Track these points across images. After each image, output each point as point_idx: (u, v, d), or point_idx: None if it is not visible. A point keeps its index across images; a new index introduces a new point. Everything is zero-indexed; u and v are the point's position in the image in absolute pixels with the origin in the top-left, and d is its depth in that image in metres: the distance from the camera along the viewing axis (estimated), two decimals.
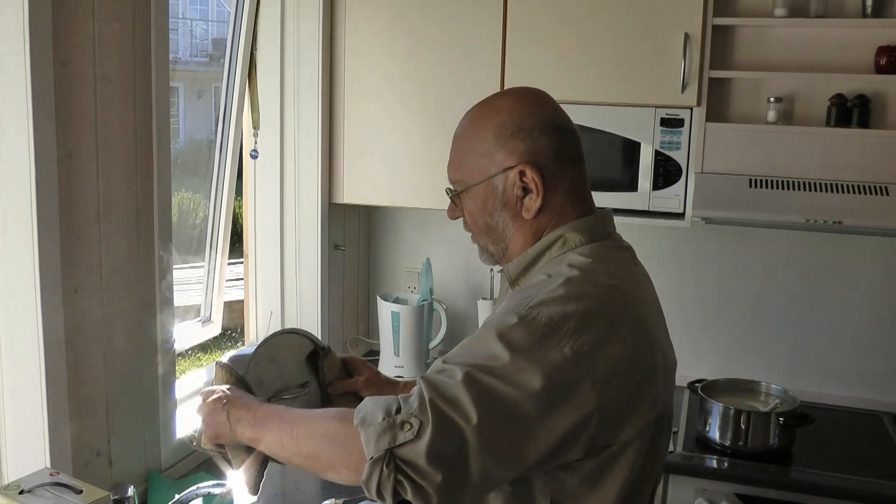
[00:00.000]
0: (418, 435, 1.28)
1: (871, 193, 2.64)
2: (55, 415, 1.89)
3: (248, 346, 1.84)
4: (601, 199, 2.77)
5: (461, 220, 1.65)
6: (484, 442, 1.29)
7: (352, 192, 3.17)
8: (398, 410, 1.31)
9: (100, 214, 2.02)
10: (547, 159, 1.52)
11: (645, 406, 1.47)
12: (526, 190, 1.52)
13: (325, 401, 1.85)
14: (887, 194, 2.63)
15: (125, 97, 2.08)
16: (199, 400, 1.63)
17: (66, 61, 1.89)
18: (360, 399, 1.86)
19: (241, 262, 3.32)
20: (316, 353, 1.85)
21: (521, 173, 1.51)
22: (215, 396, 1.58)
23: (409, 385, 1.96)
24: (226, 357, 1.72)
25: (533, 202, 1.53)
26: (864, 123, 2.78)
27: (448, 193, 1.64)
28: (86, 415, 2.02)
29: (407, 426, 1.29)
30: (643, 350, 1.46)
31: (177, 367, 2.46)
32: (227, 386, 1.62)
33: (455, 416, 1.28)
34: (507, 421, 1.30)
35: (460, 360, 1.35)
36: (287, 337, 1.82)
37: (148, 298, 2.22)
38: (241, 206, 3.27)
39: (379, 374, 1.94)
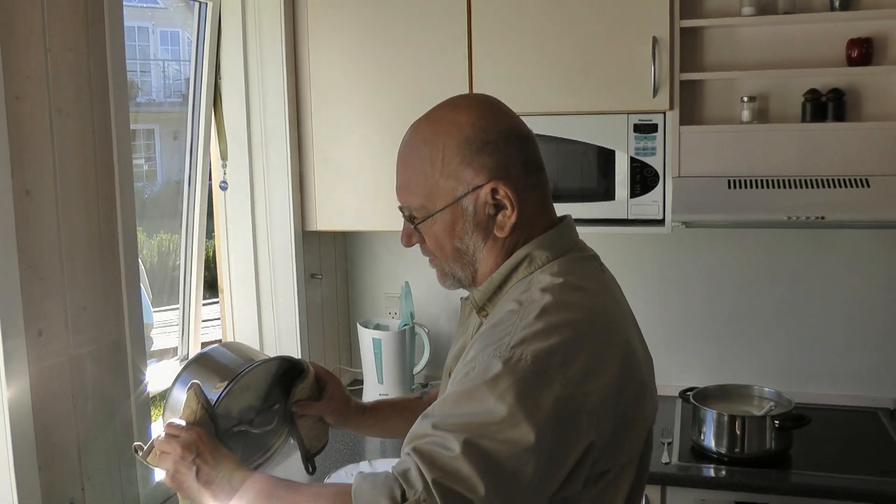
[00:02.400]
0: None
1: (852, 186, 2.61)
2: (22, 463, 1.80)
3: (227, 355, 1.74)
4: (578, 209, 2.74)
5: (427, 255, 1.58)
6: None
7: (325, 219, 3.11)
8: (403, 496, 1.22)
9: (62, 253, 1.95)
10: (517, 171, 1.45)
11: (638, 424, 1.44)
12: (498, 207, 1.45)
13: (288, 420, 1.78)
14: (868, 186, 2.60)
15: (83, 129, 2.02)
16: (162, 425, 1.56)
17: (19, 94, 1.83)
18: (323, 421, 1.81)
19: (217, 303, 3.26)
20: (292, 372, 1.78)
21: (494, 190, 1.43)
22: (186, 442, 1.49)
23: (376, 409, 1.91)
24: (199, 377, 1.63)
25: (507, 219, 1.45)
26: (839, 117, 2.75)
27: (407, 218, 1.53)
28: (56, 462, 1.93)
29: None
30: (630, 368, 1.41)
31: (155, 409, 2.39)
32: (198, 431, 1.53)
33: (463, 491, 1.21)
34: (513, 480, 1.24)
35: (453, 425, 1.26)
36: (267, 365, 1.74)
37: (117, 338, 2.14)
38: (212, 248, 3.22)
39: (349, 399, 1.86)
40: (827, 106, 2.75)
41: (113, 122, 2.10)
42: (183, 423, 1.54)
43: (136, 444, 1.58)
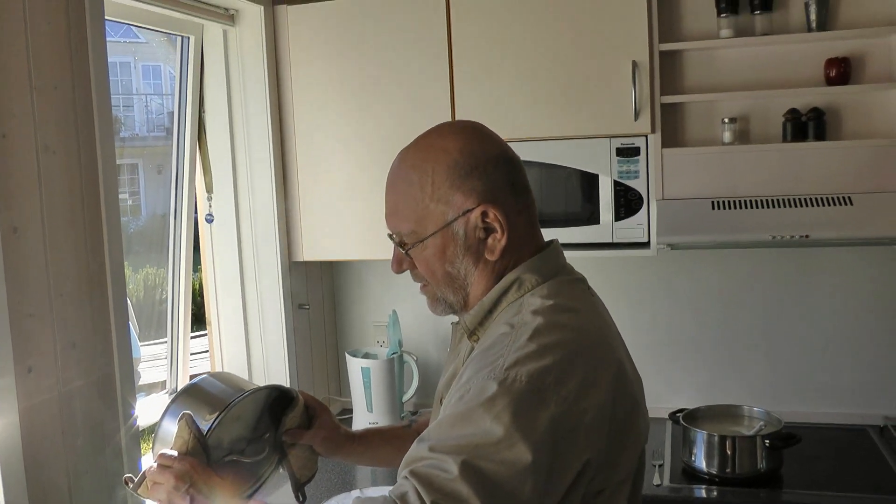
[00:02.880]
0: None
1: (834, 205, 2.63)
2: (13, 500, 1.80)
3: (217, 386, 1.73)
4: (563, 234, 2.75)
5: (418, 281, 1.57)
6: None
7: (311, 249, 3.12)
8: None
9: (50, 289, 1.95)
10: (505, 194, 1.46)
11: (632, 442, 1.44)
12: (488, 230, 1.45)
13: (278, 449, 1.78)
14: (851, 204, 2.62)
15: (70, 166, 2.02)
16: (153, 456, 1.56)
17: (6, 133, 1.83)
18: (313, 450, 1.81)
19: (205, 335, 3.25)
20: (281, 401, 1.78)
21: (484, 213, 1.44)
22: (179, 472, 1.49)
23: (366, 437, 1.91)
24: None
25: (497, 242, 1.46)
26: (820, 136, 2.77)
27: (397, 244, 1.54)
28: (47, 497, 1.91)
29: None
30: (623, 386, 1.42)
31: (144, 443, 2.37)
32: (191, 461, 1.53)
33: None
34: (511, 500, 1.24)
35: (450, 447, 1.26)
36: (259, 394, 1.74)
37: (107, 373, 2.13)
38: (198, 281, 3.21)
39: (338, 428, 1.86)
40: (807, 125, 2.78)
41: (99, 158, 2.11)
42: (175, 453, 1.54)
43: (126, 476, 1.57)
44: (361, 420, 3.22)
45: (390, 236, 1.55)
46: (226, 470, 1.67)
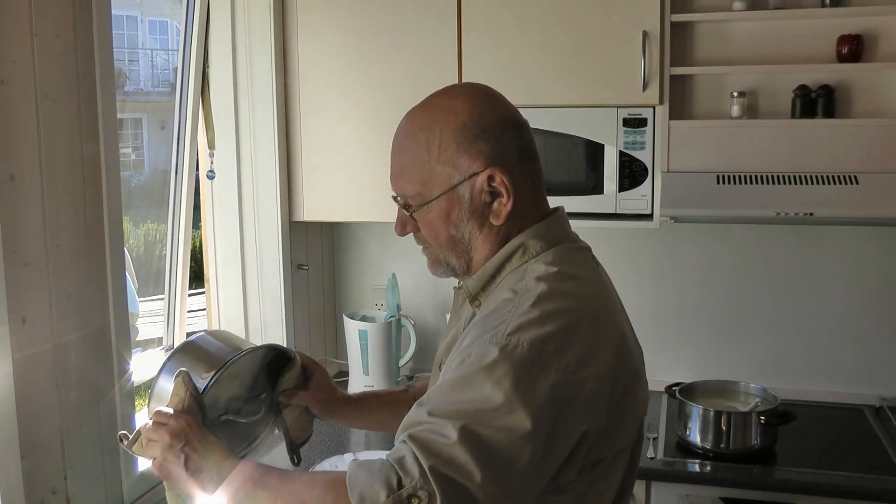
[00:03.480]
0: None
1: (840, 183, 2.61)
2: (5, 452, 1.79)
3: (214, 344, 1.72)
4: (567, 203, 2.70)
5: (421, 244, 1.57)
6: (491, 493, 1.23)
7: (312, 210, 3.10)
8: (399, 483, 1.22)
9: (47, 239, 1.93)
10: (512, 159, 1.45)
11: (631, 414, 1.44)
12: (494, 194, 1.44)
13: (274, 409, 1.77)
14: (857, 183, 2.60)
15: (70, 116, 1.99)
16: (148, 414, 1.55)
17: (5, 79, 1.80)
18: (309, 412, 1.80)
19: (203, 293, 3.24)
20: (278, 361, 1.77)
21: (490, 178, 1.43)
22: (174, 430, 1.47)
23: (362, 401, 1.90)
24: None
25: (503, 206, 1.45)
26: (829, 113, 2.75)
27: (402, 206, 1.52)
28: (38, 451, 1.91)
29: (415, 500, 1.21)
30: (624, 357, 1.41)
31: (139, 399, 2.37)
32: (186, 418, 1.51)
33: (459, 478, 1.21)
34: (509, 467, 1.24)
35: (450, 412, 1.25)
36: (256, 353, 1.73)
37: (102, 327, 2.12)
38: (198, 238, 3.20)
39: (335, 390, 1.85)
40: (817, 102, 2.75)
41: (100, 109, 2.08)
42: (171, 411, 1.52)
43: (121, 433, 1.56)
44: (357, 383, 3.21)
45: (395, 198, 1.53)
46: (221, 429, 1.66)
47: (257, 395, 1.75)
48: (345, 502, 1.26)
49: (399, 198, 1.52)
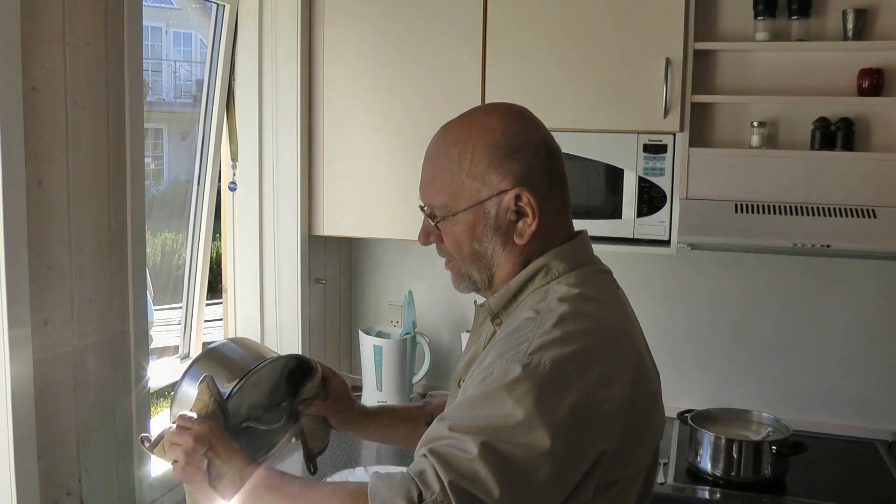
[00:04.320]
0: None
1: (858, 216, 2.61)
2: (22, 451, 1.81)
3: (237, 351, 1.74)
4: (585, 226, 2.69)
5: (443, 256, 1.58)
6: None
7: (332, 224, 3.12)
8: (420, 497, 1.23)
9: (71, 244, 1.96)
10: (541, 181, 1.47)
11: (648, 435, 1.45)
12: (520, 214, 1.46)
13: (293, 418, 1.79)
14: (875, 217, 2.60)
15: (97, 123, 2.03)
16: (171, 417, 1.57)
17: (37, 86, 1.84)
18: (327, 422, 1.82)
19: (220, 303, 3.27)
20: (299, 371, 1.79)
21: (517, 197, 1.45)
22: (198, 434, 1.49)
23: (379, 414, 1.91)
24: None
25: (527, 226, 1.46)
26: (848, 146, 2.75)
27: (428, 216, 1.54)
28: (55, 451, 1.94)
29: None
30: (642, 379, 1.43)
31: (154, 406, 2.39)
32: (210, 424, 1.53)
33: (478, 494, 1.23)
34: (527, 485, 1.25)
35: (471, 428, 1.27)
36: (278, 362, 1.75)
37: (122, 331, 2.15)
38: (218, 248, 3.22)
39: (353, 402, 1.86)
40: (836, 134, 2.76)
41: (127, 118, 2.12)
42: (194, 415, 1.54)
43: (142, 435, 1.59)
44: (370, 398, 3.23)
45: (421, 208, 1.55)
46: (241, 436, 1.68)
47: (277, 404, 1.77)
48: None
49: (426, 207, 1.54)
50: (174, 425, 1.53)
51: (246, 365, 1.67)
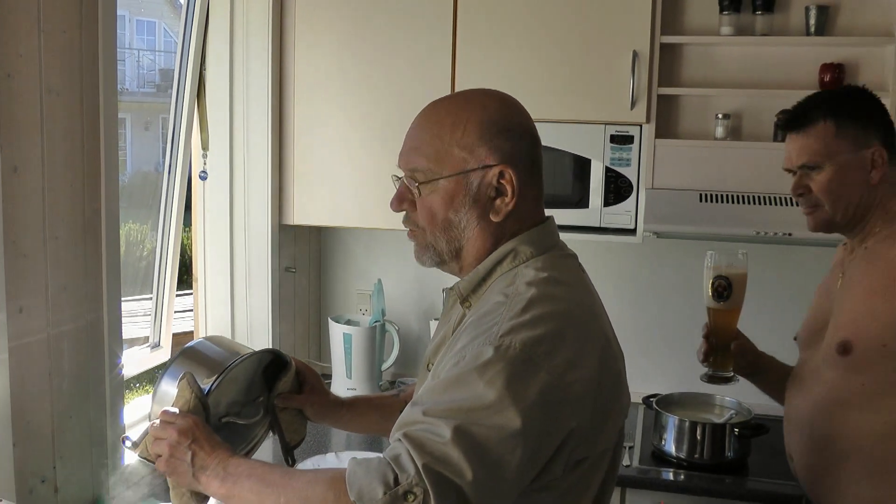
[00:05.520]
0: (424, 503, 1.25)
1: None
2: None
3: (213, 349, 1.77)
4: (553, 215, 2.77)
5: (409, 225, 1.59)
6: (481, 492, 1.27)
7: (302, 213, 3.14)
8: (396, 480, 1.26)
9: (45, 231, 1.96)
10: (524, 165, 1.51)
11: (615, 415, 1.50)
12: (499, 191, 1.49)
13: (269, 412, 1.82)
14: None
15: (72, 111, 2.03)
16: (152, 414, 1.59)
17: (11, 72, 1.84)
18: (302, 415, 1.85)
19: (189, 294, 3.27)
20: (274, 366, 1.82)
21: (501, 174, 1.48)
22: (182, 427, 1.52)
23: (354, 404, 1.95)
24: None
25: (505, 205, 1.50)
26: None
27: (408, 179, 1.54)
28: (30, 439, 1.94)
29: (411, 496, 1.25)
30: (608, 360, 1.47)
31: (128, 392, 2.40)
32: (193, 418, 1.56)
33: (451, 476, 1.26)
34: (500, 465, 1.29)
35: (443, 411, 1.30)
36: (254, 357, 1.78)
37: (96, 319, 2.16)
38: (188, 238, 3.22)
39: (328, 393, 1.90)
40: None
41: (101, 106, 2.12)
42: (177, 411, 1.58)
43: (124, 436, 1.62)
44: (340, 386, 3.25)
45: (398, 178, 1.57)
46: (221, 431, 1.71)
47: (254, 399, 1.81)
48: (345, 499, 1.29)
49: (407, 172, 1.54)
50: (157, 422, 1.56)
51: (223, 361, 1.70)
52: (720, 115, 2.89)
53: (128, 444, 1.59)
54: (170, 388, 1.65)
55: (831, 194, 2.02)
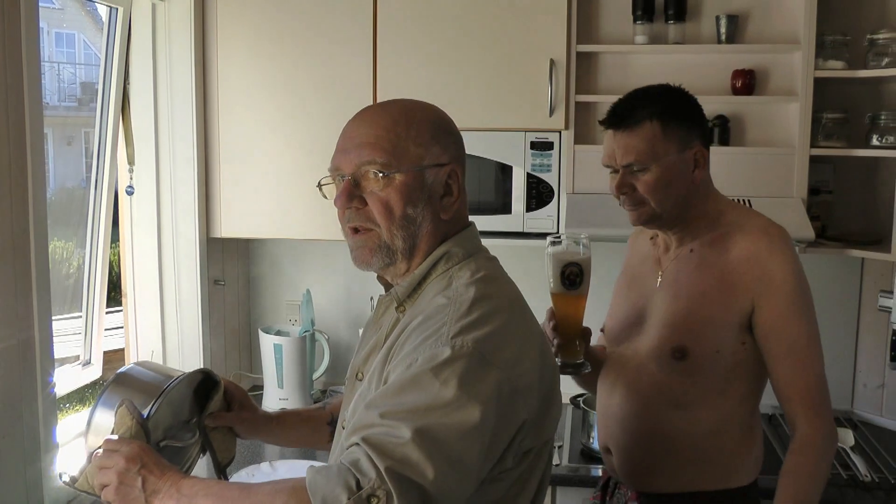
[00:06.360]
0: None
1: None
2: None
3: (146, 373, 1.77)
4: (476, 221, 2.76)
5: (361, 222, 1.55)
6: (443, 490, 1.30)
7: (230, 226, 3.15)
8: (359, 485, 1.27)
9: None
10: (463, 169, 1.58)
11: (555, 404, 1.56)
12: (447, 190, 1.55)
13: (201, 432, 1.81)
14: (750, 206, 2.77)
15: None
16: (87, 442, 1.59)
17: None
18: (233, 432, 1.87)
19: (119, 311, 3.25)
20: (205, 385, 1.83)
21: (452, 173, 1.54)
22: (128, 454, 1.49)
23: (282, 418, 1.96)
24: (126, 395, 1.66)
25: (451, 204, 1.55)
26: (724, 141, 2.94)
27: (361, 175, 1.52)
28: None
29: (374, 500, 1.26)
30: (545, 353, 1.54)
31: (60, 412, 2.38)
32: (139, 443, 1.54)
33: (413, 477, 1.28)
34: (460, 462, 1.32)
35: (400, 413, 1.32)
36: (190, 377, 1.78)
37: (27, 338, 2.14)
38: (115, 255, 3.20)
39: (256, 409, 1.91)
40: (713, 131, 2.93)
41: (27, 122, 2.11)
42: (117, 437, 1.56)
43: (60, 472, 1.58)
44: (272, 396, 3.27)
45: (340, 176, 1.55)
46: (161, 455, 1.71)
47: (187, 420, 1.80)
48: None
49: (360, 167, 1.52)
50: (100, 450, 1.53)
51: (158, 385, 1.70)
52: None
53: (65, 478, 1.55)
54: (105, 417, 1.62)
55: (657, 194, 2.03)
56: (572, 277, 2.01)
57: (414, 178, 1.51)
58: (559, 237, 2.12)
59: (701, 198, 2.10)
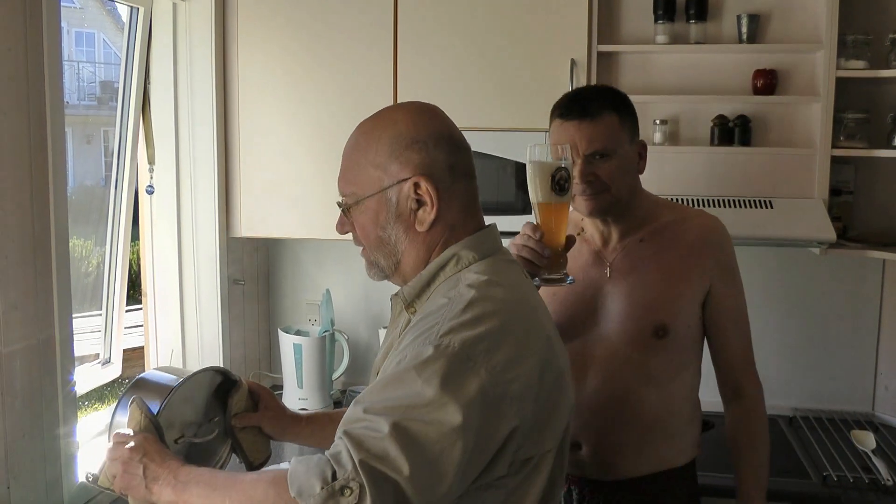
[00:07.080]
0: (360, 499, 1.28)
1: (756, 207, 2.77)
2: None
3: (163, 376, 1.80)
4: (497, 221, 2.80)
5: (358, 244, 1.64)
6: (419, 488, 1.30)
7: (249, 225, 3.15)
8: (334, 476, 1.29)
9: None
10: (441, 172, 1.54)
11: (560, 413, 1.53)
12: (420, 202, 1.53)
13: (229, 433, 1.86)
14: (772, 207, 2.76)
15: (19, 128, 2.03)
16: (108, 442, 1.62)
17: None
18: (263, 433, 1.88)
19: (138, 309, 3.26)
20: (226, 385, 1.86)
21: (416, 185, 1.52)
22: (132, 445, 1.56)
23: (313, 418, 1.97)
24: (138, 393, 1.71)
25: (427, 214, 1.53)
26: (745, 142, 2.92)
27: (340, 206, 1.62)
28: None
29: (347, 491, 1.28)
30: (550, 358, 1.51)
31: (81, 410, 2.39)
32: (144, 434, 1.60)
33: (387, 471, 1.29)
34: (438, 462, 1.32)
35: (382, 409, 1.34)
36: (201, 375, 1.82)
37: (47, 337, 2.15)
38: (135, 254, 3.21)
39: (284, 409, 1.94)
40: (734, 131, 2.92)
41: (48, 122, 2.12)
42: (130, 432, 1.62)
43: (87, 472, 1.64)
44: (291, 396, 3.27)
45: (338, 203, 1.63)
46: (180, 451, 1.75)
47: (211, 419, 1.85)
48: (287, 497, 1.33)
49: (342, 197, 1.61)
50: (112, 443, 1.60)
51: (170, 384, 1.75)
52: (658, 121, 2.96)
53: (90, 477, 1.62)
54: (122, 419, 1.70)
55: (616, 181, 2.11)
56: (562, 182, 1.95)
57: (377, 202, 1.55)
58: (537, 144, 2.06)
59: (640, 189, 2.23)
